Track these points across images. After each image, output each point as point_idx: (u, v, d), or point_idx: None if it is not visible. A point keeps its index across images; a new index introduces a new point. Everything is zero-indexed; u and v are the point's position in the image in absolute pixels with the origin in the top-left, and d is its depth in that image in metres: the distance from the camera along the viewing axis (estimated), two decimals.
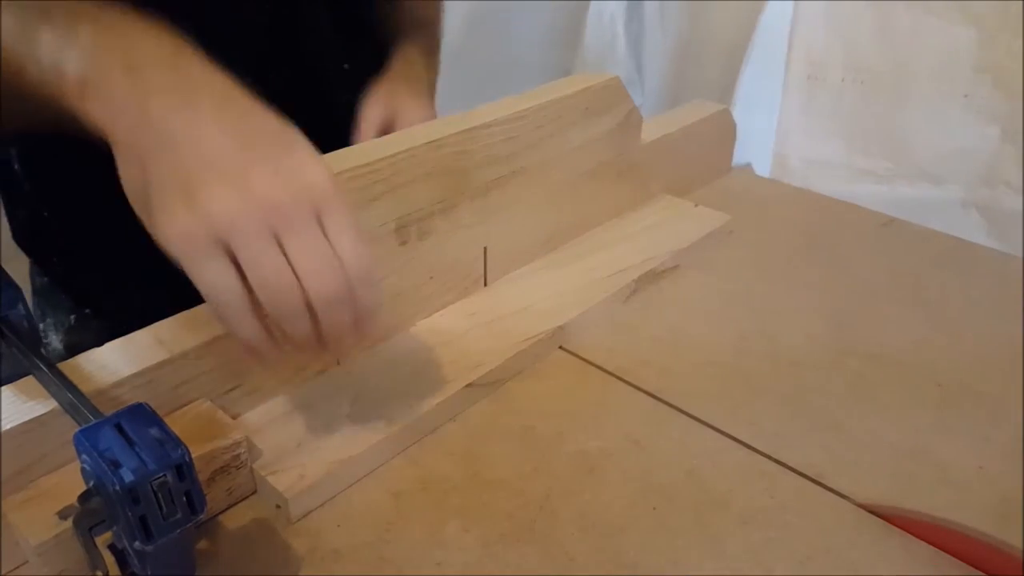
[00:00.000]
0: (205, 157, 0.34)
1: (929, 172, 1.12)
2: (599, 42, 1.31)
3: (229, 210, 0.34)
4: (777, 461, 0.47)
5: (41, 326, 0.69)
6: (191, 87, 0.36)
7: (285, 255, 0.35)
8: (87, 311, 0.69)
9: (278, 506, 0.43)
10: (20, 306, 0.42)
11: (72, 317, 0.68)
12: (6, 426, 0.37)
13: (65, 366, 0.41)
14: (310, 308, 0.36)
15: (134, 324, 0.45)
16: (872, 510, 0.44)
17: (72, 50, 0.37)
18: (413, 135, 0.52)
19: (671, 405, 0.51)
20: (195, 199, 0.34)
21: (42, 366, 0.39)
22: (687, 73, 1.28)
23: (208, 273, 0.34)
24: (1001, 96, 1.05)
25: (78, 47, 0.37)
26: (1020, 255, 0.68)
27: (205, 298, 0.36)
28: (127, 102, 0.36)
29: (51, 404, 0.38)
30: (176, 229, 0.34)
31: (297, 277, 0.35)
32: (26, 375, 0.40)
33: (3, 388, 0.40)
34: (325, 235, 0.36)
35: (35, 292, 0.70)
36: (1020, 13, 0.98)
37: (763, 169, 0.81)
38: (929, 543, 0.42)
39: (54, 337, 0.69)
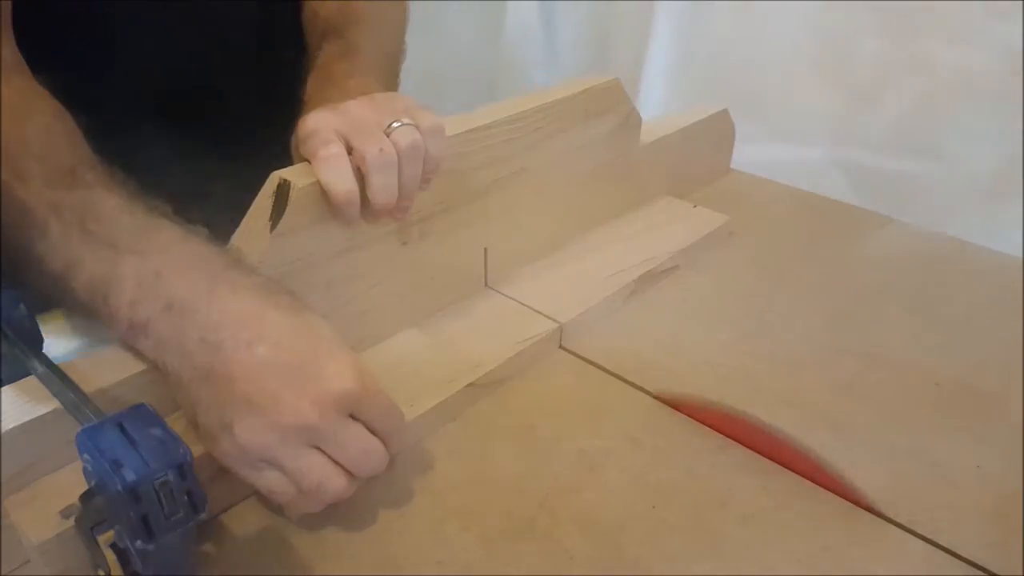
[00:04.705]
0: (238, 392, 0.37)
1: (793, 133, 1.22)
2: (518, 38, 1.44)
3: (264, 442, 0.37)
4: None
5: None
6: (225, 320, 0.38)
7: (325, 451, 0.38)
8: None
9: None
10: (21, 306, 0.42)
11: None
12: (7, 426, 0.38)
13: (67, 366, 0.41)
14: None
15: None
16: (666, 401, 0.51)
17: (118, 296, 0.39)
18: None
19: (671, 405, 0.51)
20: (232, 432, 0.37)
21: (44, 366, 0.40)
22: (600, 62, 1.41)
23: (258, 482, 0.39)
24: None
25: (123, 292, 0.39)
26: (1014, 253, 0.68)
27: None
28: (168, 340, 0.39)
29: (53, 404, 0.38)
30: (221, 453, 0.38)
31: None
32: (27, 375, 0.40)
33: (4, 388, 0.40)
34: (358, 418, 0.39)
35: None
36: None
37: None
38: (716, 429, 0.49)
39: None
